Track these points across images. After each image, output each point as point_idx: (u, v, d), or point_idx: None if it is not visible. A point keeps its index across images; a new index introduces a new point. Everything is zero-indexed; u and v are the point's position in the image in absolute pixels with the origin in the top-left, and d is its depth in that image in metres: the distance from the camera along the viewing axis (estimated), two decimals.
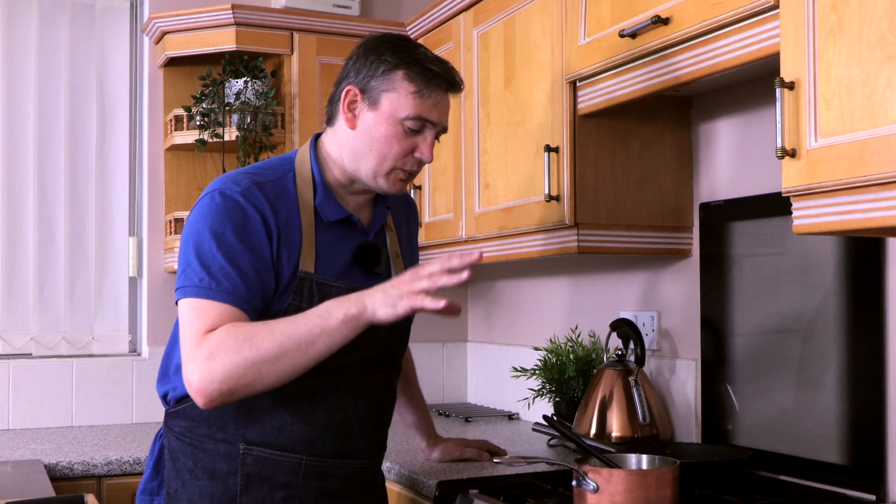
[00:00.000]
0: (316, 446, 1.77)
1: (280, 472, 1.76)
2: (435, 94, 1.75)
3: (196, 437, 1.78)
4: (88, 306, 3.18)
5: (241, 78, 2.99)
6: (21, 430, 2.96)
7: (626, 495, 1.69)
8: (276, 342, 1.59)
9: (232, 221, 1.68)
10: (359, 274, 1.80)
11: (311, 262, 1.73)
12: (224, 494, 1.75)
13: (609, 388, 2.38)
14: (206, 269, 1.65)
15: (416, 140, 1.76)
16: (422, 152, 1.76)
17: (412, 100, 1.74)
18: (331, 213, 1.79)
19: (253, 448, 1.75)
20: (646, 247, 2.36)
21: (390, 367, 1.88)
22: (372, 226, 1.85)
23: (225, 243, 1.66)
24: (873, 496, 1.90)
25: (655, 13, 1.94)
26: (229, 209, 1.69)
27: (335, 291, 1.74)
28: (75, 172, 3.18)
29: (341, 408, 1.78)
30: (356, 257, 1.79)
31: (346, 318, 1.61)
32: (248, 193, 1.70)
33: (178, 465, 1.80)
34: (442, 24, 2.88)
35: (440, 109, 1.77)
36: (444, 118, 1.79)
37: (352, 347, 1.73)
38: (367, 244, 1.81)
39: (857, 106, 1.46)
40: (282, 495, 1.76)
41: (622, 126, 2.32)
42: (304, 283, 1.72)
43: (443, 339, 3.49)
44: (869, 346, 1.92)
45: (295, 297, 1.71)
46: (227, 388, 1.60)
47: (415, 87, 1.73)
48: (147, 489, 1.88)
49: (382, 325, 1.66)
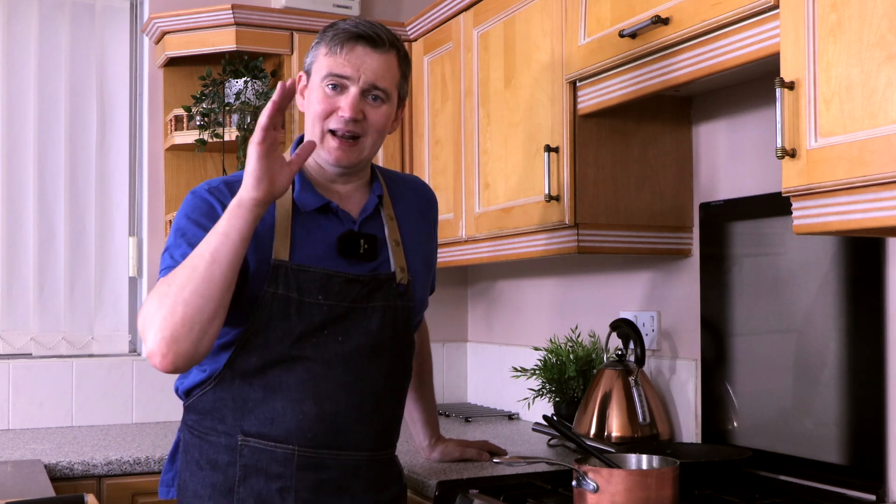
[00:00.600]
0: (307, 437, 1.78)
1: (274, 463, 1.77)
2: (345, 48, 1.79)
3: (203, 429, 1.82)
4: (88, 306, 3.18)
5: (241, 78, 2.99)
6: (21, 430, 2.96)
7: (626, 495, 1.69)
8: (185, 267, 1.63)
9: (195, 212, 1.77)
10: (342, 261, 1.81)
11: (284, 251, 1.76)
12: (224, 485, 1.78)
13: (609, 388, 2.38)
14: (171, 256, 1.74)
15: (339, 100, 1.79)
16: (343, 109, 1.78)
17: (325, 60, 1.80)
18: (308, 202, 1.82)
19: (249, 439, 1.78)
20: (646, 247, 2.36)
21: (386, 357, 1.85)
22: (360, 213, 1.86)
23: (188, 232, 1.75)
24: (873, 496, 1.90)
25: (655, 13, 1.94)
26: (196, 203, 1.79)
27: (313, 276, 1.76)
28: (75, 172, 3.18)
29: (331, 398, 1.78)
30: (338, 245, 1.81)
31: (229, 211, 1.64)
32: (214, 190, 1.80)
33: (188, 457, 1.84)
34: (442, 24, 2.88)
35: (354, 63, 1.78)
36: (365, 73, 1.78)
37: (341, 338, 1.76)
38: (348, 232, 1.83)
39: (857, 106, 1.47)
40: (278, 486, 1.77)
41: (622, 126, 2.32)
42: (278, 271, 1.75)
43: (443, 339, 3.49)
44: (869, 346, 1.92)
45: (270, 285, 1.74)
46: (168, 334, 1.59)
47: (326, 48, 1.81)
48: (164, 480, 1.94)
49: (374, 315, 1.71)
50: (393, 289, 1.85)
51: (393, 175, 2.02)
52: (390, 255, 1.87)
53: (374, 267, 1.84)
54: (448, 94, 2.86)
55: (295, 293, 1.75)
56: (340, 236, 1.82)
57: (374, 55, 1.80)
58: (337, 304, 1.78)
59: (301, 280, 1.76)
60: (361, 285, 1.81)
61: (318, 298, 1.77)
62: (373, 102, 1.80)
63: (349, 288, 1.79)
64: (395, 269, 1.86)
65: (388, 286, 1.84)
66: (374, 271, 1.83)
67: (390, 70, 1.82)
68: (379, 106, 1.81)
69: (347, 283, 1.79)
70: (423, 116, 3.01)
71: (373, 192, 1.90)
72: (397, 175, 2.04)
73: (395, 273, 1.85)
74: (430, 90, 2.99)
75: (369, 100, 1.80)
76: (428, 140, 2.99)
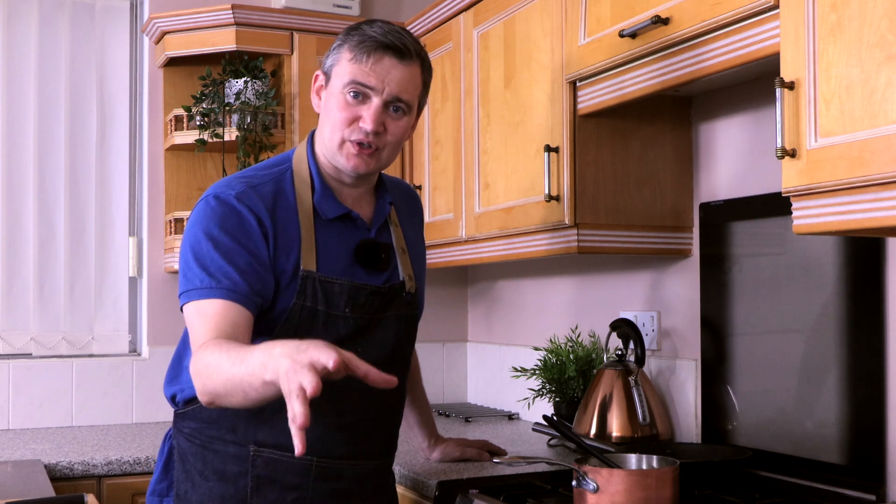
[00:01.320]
0: (328, 447, 1.76)
1: (291, 473, 1.75)
2: (371, 57, 1.72)
3: (206, 438, 1.78)
4: (88, 306, 3.18)
5: (241, 78, 2.99)
6: (21, 430, 2.96)
7: (626, 495, 1.69)
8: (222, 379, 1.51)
9: (228, 223, 1.68)
10: (361, 271, 1.79)
11: (312, 261, 1.73)
12: (235, 496, 1.75)
13: (609, 388, 2.38)
14: (205, 271, 1.65)
15: (360, 109, 1.73)
16: (364, 120, 1.72)
17: (348, 66, 1.73)
18: (329, 210, 1.78)
19: (263, 450, 1.75)
20: (646, 247, 2.36)
21: (400, 366, 1.86)
22: (374, 222, 1.84)
23: (222, 244, 1.66)
24: (873, 496, 1.90)
25: (655, 13, 1.94)
26: (224, 212, 1.69)
27: (338, 289, 1.73)
28: (75, 172, 3.18)
29: (352, 409, 1.77)
30: (357, 255, 1.78)
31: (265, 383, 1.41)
32: (242, 196, 1.71)
33: (188, 467, 1.80)
34: (442, 24, 2.88)
35: (379, 74, 1.72)
36: (389, 85, 1.72)
37: (361, 350, 1.72)
38: (368, 241, 1.80)
39: (857, 106, 1.46)
40: (293, 497, 1.75)
41: (622, 126, 2.32)
42: (306, 282, 1.71)
43: (443, 339, 3.49)
44: (869, 346, 1.92)
45: (299, 297, 1.71)
46: (210, 400, 1.56)
47: (351, 53, 1.74)
48: (156, 490, 1.88)
49: (390, 325, 1.64)
50: (403, 298, 1.84)
51: (387, 179, 1.99)
52: (398, 264, 1.86)
53: (387, 277, 1.82)
54: (448, 94, 2.86)
55: (322, 306, 1.72)
56: (359, 245, 1.79)
57: (400, 67, 1.73)
58: (362, 316, 1.76)
59: (328, 292, 1.72)
60: (382, 297, 1.79)
61: (346, 311, 1.74)
62: (394, 114, 1.75)
63: (373, 300, 1.78)
64: (403, 277, 1.85)
65: (399, 296, 1.83)
66: (388, 281, 1.82)
67: (413, 82, 1.76)
68: (400, 118, 1.76)
69: (372, 296, 1.77)
70: (424, 116, 3.01)
71: (383, 198, 1.87)
72: (388, 179, 2.01)
73: (404, 282, 1.85)
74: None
75: (391, 111, 1.74)
76: (428, 140, 2.99)
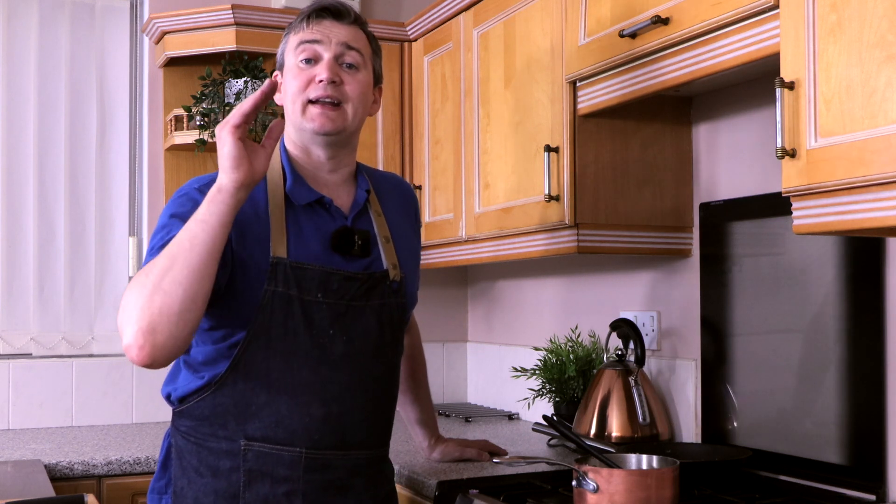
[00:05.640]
0: (314, 439, 1.77)
1: (281, 466, 1.76)
2: (312, 21, 1.83)
3: (200, 435, 1.79)
4: (88, 306, 3.18)
5: (242, 78, 2.99)
6: (21, 430, 2.96)
7: (626, 495, 1.69)
8: (163, 256, 1.58)
9: (183, 209, 1.73)
10: (337, 258, 1.80)
11: (282, 248, 1.75)
12: (227, 491, 1.76)
13: (609, 388, 2.38)
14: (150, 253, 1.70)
15: (314, 70, 1.81)
16: (319, 73, 1.80)
17: (293, 39, 1.84)
18: (301, 196, 1.81)
19: (253, 444, 1.76)
20: (646, 247, 2.36)
21: (387, 356, 1.86)
22: (351, 209, 1.86)
23: (175, 228, 1.68)
24: (873, 496, 1.90)
25: (655, 13, 1.94)
26: (182, 200, 1.76)
27: (310, 274, 1.75)
28: (75, 172, 3.18)
29: (338, 399, 1.78)
30: (332, 241, 1.80)
31: (209, 198, 1.60)
32: (202, 188, 1.75)
33: (185, 464, 1.81)
34: (442, 24, 2.88)
35: (323, 32, 1.82)
36: (336, 37, 1.82)
37: (343, 337, 1.76)
38: (342, 228, 1.82)
39: (857, 106, 1.47)
40: (284, 489, 1.76)
41: (622, 126, 2.32)
42: (276, 269, 1.73)
43: (443, 339, 3.49)
44: (869, 346, 1.92)
45: (269, 283, 1.72)
46: (146, 324, 1.53)
47: (294, 31, 1.86)
48: (155, 488, 1.89)
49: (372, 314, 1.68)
50: (387, 286, 1.85)
51: (374, 172, 2.01)
52: (381, 252, 1.87)
53: (368, 264, 1.83)
54: (448, 94, 2.86)
55: (295, 291, 1.74)
56: (335, 232, 1.81)
57: (340, 25, 1.84)
58: (336, 301, 1.78)
59: (300, 277, 1.75)
60: (359, 283, 1.80)
61: (318, 296, 1.76)
62: (348, 70, 1.82)
63: (347, 286, 1.79)
64: (387, 266, 1.86)
65: (382, 284, 1.84)
66: (367, 269, 1.83)
67: (360, 38, 1.85)
68: (355, 73, 1.83)
69: (346, 281, 1.79)
70: (423, 116, 3.01)
71: (359, 186, 1.90)
72: (377, 172, 2.04)
73: (388, 270, 1.85)
74: (430, 90, 2.99)
75: (344, 67, 1.82)
76: (428, 140, 2.99)
